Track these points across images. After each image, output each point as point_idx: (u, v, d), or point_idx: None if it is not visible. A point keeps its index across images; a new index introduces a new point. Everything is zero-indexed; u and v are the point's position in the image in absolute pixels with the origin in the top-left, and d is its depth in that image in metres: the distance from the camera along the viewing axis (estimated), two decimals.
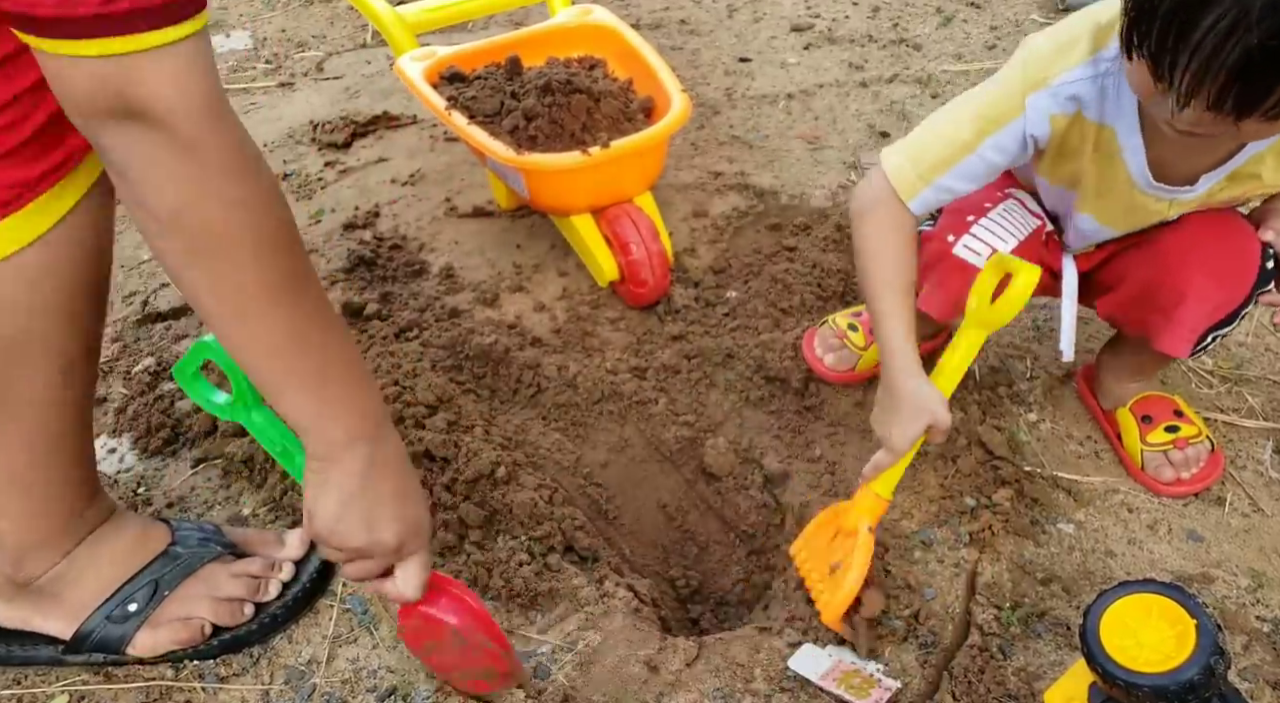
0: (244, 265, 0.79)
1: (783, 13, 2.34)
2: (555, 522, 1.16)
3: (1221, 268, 1.08)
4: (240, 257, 0.78)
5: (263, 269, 0.79)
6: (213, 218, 0.76)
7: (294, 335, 0.82)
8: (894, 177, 1.08)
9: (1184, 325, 1.09)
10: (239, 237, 0.78)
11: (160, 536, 1.08)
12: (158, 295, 1.59)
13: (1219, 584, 1.10)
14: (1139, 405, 1.25)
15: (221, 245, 0.78)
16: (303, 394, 0.84)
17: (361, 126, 1.99)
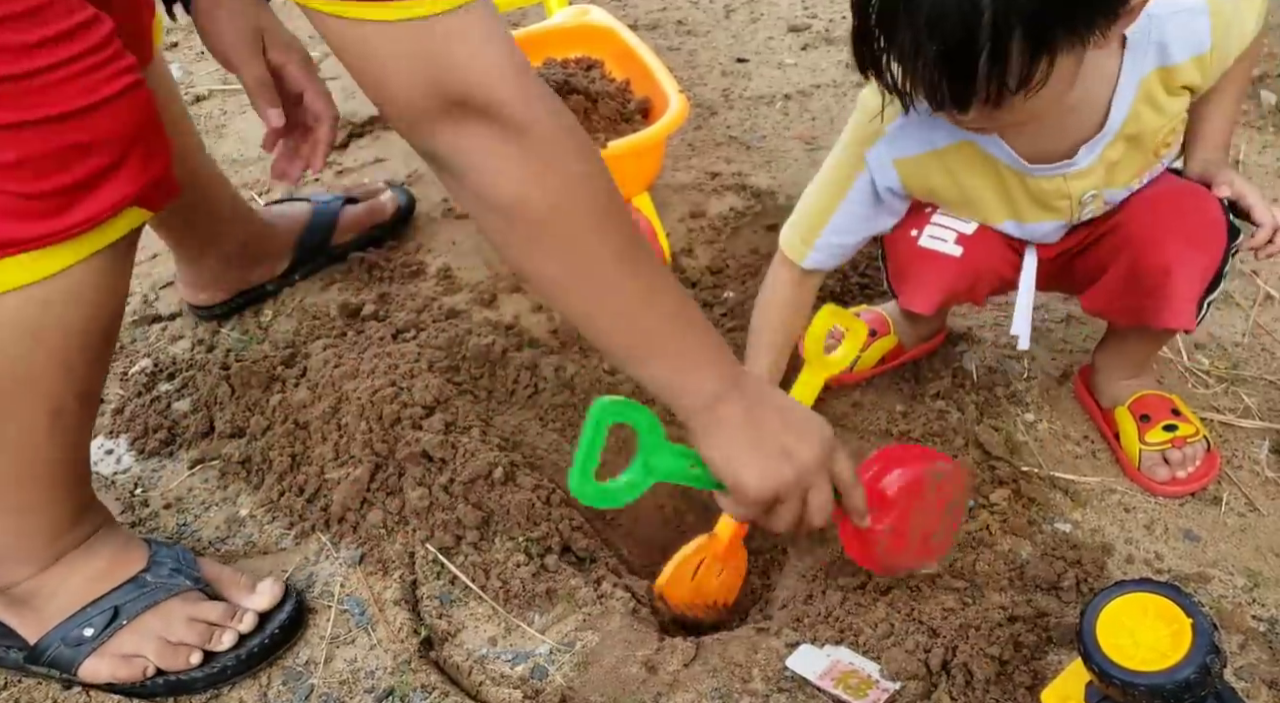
0: (592, 238, 0.79)
1: (780, 13, 2.34)
2: (553, 523, 1.16)
3: (1192, 232, 1.09)
4: (587, 230, 0.78)
5: (608, 237, 0.80)
6: (556, 197, 0.76)
7: (646, 298, 0.83)
8: (784, 243, 1.21)
9: (1179, 297, 1.09)
10: (583, 210, 0.78)
11: (135, 560, 1.06)
12: (156, 297, 1.59)
13: (1215, 584, 1.10)
14: (1137, 405, 1.25)
15: (568, 222, 0.77)
16: (666, 356, 0.84)
17: (359, 127, 1.99)
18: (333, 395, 1.28)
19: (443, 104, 0.72)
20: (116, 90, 0.80)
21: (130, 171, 0.83)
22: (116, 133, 0.81)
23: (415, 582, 1.14)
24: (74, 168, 0.79)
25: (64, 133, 0.78)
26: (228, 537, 1.21)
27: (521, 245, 0.79)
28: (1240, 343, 1.41)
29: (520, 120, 0.73)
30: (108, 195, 0.82)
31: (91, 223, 0.82)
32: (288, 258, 1.56)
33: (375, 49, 0.72)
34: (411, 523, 1.17)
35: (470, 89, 0.72)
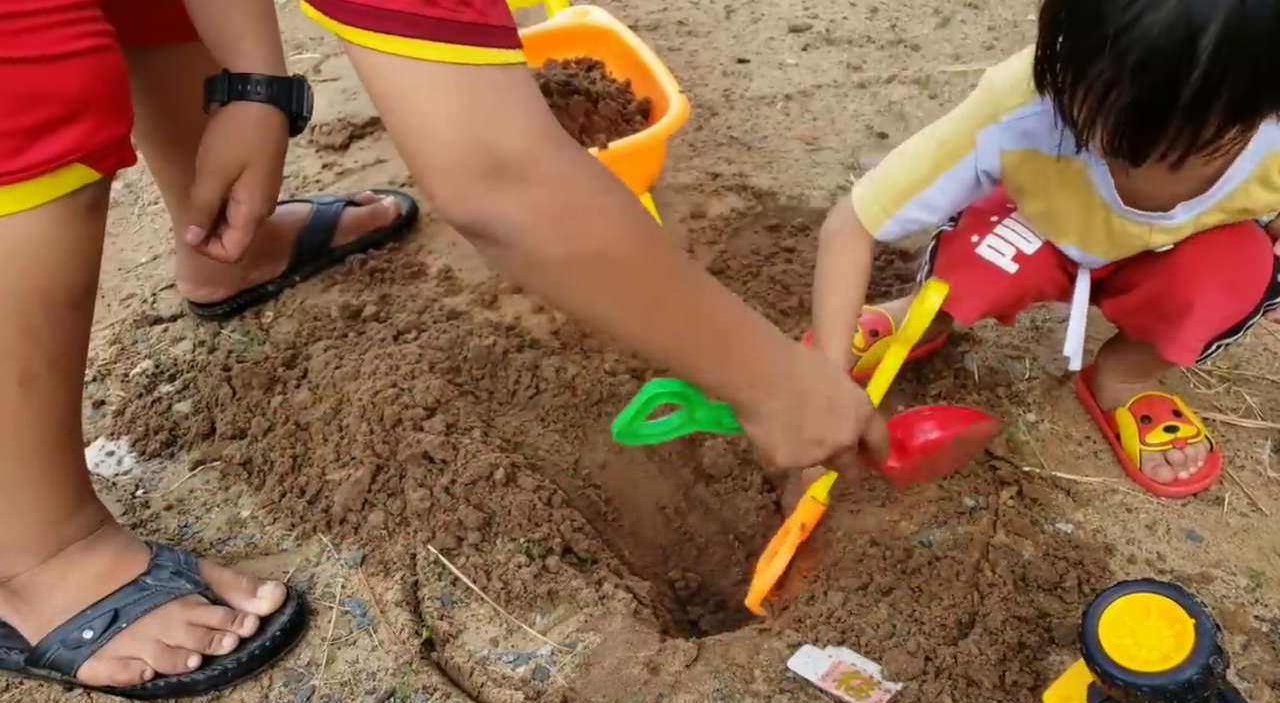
0: (646, 270, 0.81)
1: (781, 13, 2.34)
2: (554, 524, 1.16)
3: (1232, 278, 1.08)
4: (639, 266, 0.80)
5: (660, 265, 0.82)
6: (605, 241, 0.77)
7: (701, 314, 0.86)
8: (860, 209, 1.14)
9: (1190, 335, 1.09)
10: (634, 248, 0.79)
11: (136, 562, 1.06)
12: (156, 298, 1.59)
13: (1217, 584, 1.10)
14: (1138, 405, 1.25)
15: (619, 260, 0.78)
16: (721, 364, 0.88)
17: (359, 129, 1.99)
18: (334, 397, 1.28)
19: (486, 164, 0.70)
20: (84, 48, 0.84)
21: (84, 128, 0.86)
22: (75, 88, 0.84)
23: (417, 583, 1.14)
24: (28, 113, 0.82)
25: (25, 77, 0.81)
26: (229, 538, 1.21)
27: (582, 296, 0.80)
28: (1242, 343, 1.40)
29: (557, 174, 0.74)
30: (55, 145, 0.84)
31: (34, 170, 0.84)
32: (287, 257, 1.56)
33: (419, 93, 0.70)
34: (413, 524, 1.17)
35: (511, 145, 0.71)
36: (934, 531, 1.16)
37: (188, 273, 1.50)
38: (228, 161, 1.12)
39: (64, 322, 0.94)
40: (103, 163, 0.91)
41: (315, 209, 1.60)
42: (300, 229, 1.57)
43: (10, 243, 0.86)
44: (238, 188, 1.13)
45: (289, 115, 1.16)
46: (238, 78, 1.12)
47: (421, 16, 0.67)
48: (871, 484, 1.21)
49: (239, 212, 1.14)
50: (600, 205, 0.76)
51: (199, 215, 1.13)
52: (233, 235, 1.15)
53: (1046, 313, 1.48)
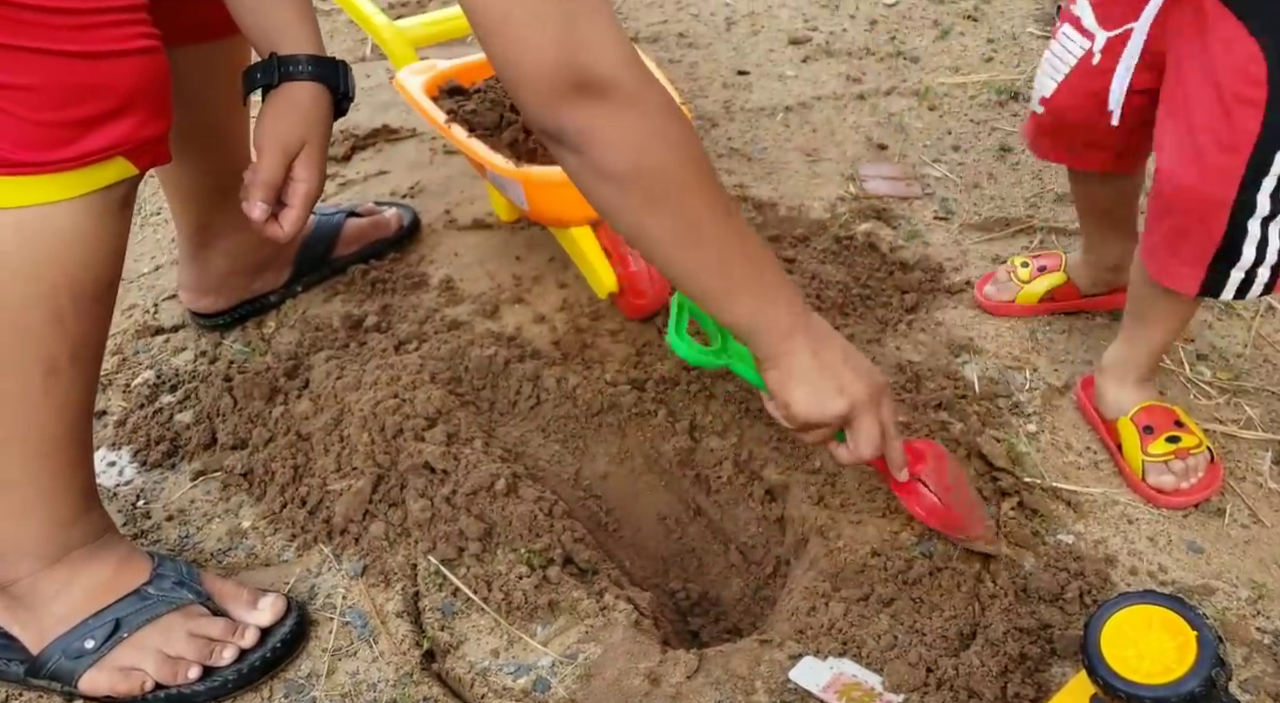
0: (695, 194, 0.88)
1: (780, 26, 2.35)
2: (555, 534, 1.16)
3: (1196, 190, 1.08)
4: (692, 188, 0.88)
5: (707, 195, 0.89)
6: (666, 162, 0.85)
7: (738, 243, 0.92)
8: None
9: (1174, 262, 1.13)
10: (689, 170, 0.87)
11: (138, 571, 1.06)
12: (158, 309, 1.59)
13: (1219, 595, 1.10)
14: (1140, 416, 1.25)
15: (678, 183, 0.86)
16: (752, 294, 0.94)
17: (361, 140, 1.99)
18: (335, 407, 1.28)
19: (574, 80, 0.79)
20: (135, 48, 0.89)
21: (129, 123, 0.90)
22: (125, 84, 0.89)
23: (417, 594, 1.14)
24: (80, 105, 0.86)
25: (84, 70, 0.85)
26: (230, 549, 1.21)
27: (636, 210, 0.87)
28: (1242, 354, 1.41)
29: (636, 96, 0.82)
30: (102, 138, 0.89)
31: (81, 160, 0.88)
32: (289, 268, 1.57)
33: (515, 16, 0.78)
34: (413, 535, 1.17)
35: (600, 68, 0.79)
36: (935, 541, 1.16)
37: (189, 283, 1.51)
38: (289, 138, 1.12)
39: (88, 313, 0.96)
40: (141, 159, 0.94)
41: (317, 220, 1.60)
42: (302, 240, 1.57)
43: (49, 229, 0.89)
44: (297, 166, 1.13)
45: (335, 95, 1.17)
46: (286, 59, 1.13)
47: None
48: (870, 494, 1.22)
49: (298, 190, 1.13)
50: (666, 130, 0.84)
51: (265, 191, 1.12)
52: (291, 214, 1.14)
53: (1048, 324, 1.48)
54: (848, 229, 1.68)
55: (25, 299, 0.91)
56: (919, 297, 1.54)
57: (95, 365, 1.01)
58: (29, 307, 0.91)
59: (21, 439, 0.96)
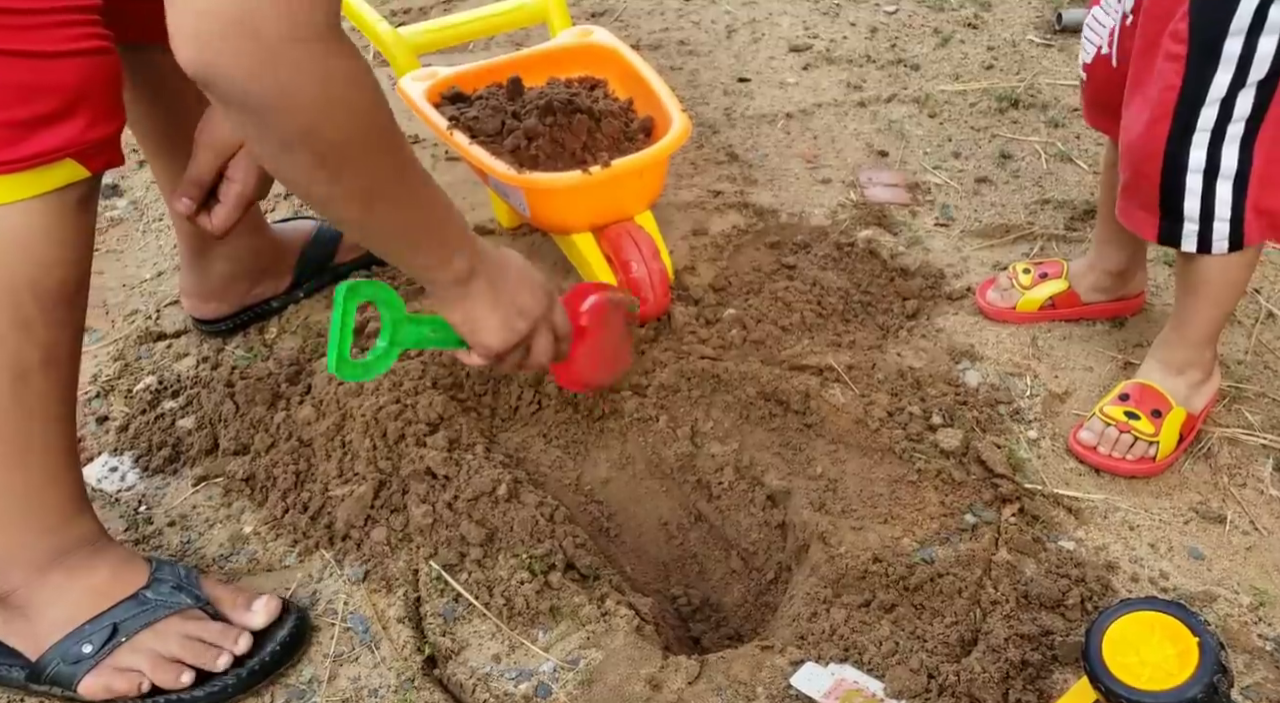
0: (366, 157, 0.85)
1: (781, 33, 2.36)
2: (556, 540, 1.16)
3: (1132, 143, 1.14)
4: (371, 155, 0.85)
5: (385, 160, 0.87)
6: (339, 123, 0.81)
7: (414, 207, 0.93)
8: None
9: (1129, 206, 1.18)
10: (365, 134, 0.84)
11: (136, 576, 1.06)
12: (160, 315, 1.60)
13: (1221, 602, 1.10)
14: (1134, 386, 1.28)
15: (347, 146, 0.83)
16: (425, 250, 0.96)
17: None
18: (337, 413, 1.28)
19: (234, 19, 0.72)
20: (84, 48, 0.88)
21: (77, 125, 0.90)
22: (72, 83, 0.88)
23: (419, 599, 1.14)
24: (26, 105, 0.86)
25: (27, 70, 0.85)
26: (231, 554, 1.21)
27: (304, 169, 0.82)
28: (1243, 361, 1.41)
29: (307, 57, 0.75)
30: (49, 139, 0.88)
31: (29, 161, 0.88)
32: (291, 274, 1.57)
33: None
34: (415, 540, 1.17)
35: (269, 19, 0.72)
36: (936, 547, 1.16)
37: (191, 289, 1.51)
38: (223, 139, 1.13)
39: (56, 318, 0.95)
40: (93, 161, 0.94)
41: (319, 226, 1.61)
42: (304, 245, 1.57)
43: (3, 234, 0.89)
44: (231, 165, 1.14)
45: None
46: None
47: None
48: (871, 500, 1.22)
49: (230, 189, 1.15)
50: (340, 94, 0.78)
51: (189, 188, 1.15)
52: (220, 212, 1.16)
53: (1048, 330, 1.48)
54: (849, 236, 1.69)
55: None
56: (920, 303, 1.55)
57: (70, 370, 1.01)
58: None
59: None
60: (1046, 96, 2.07)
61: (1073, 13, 2.29)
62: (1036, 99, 2.06)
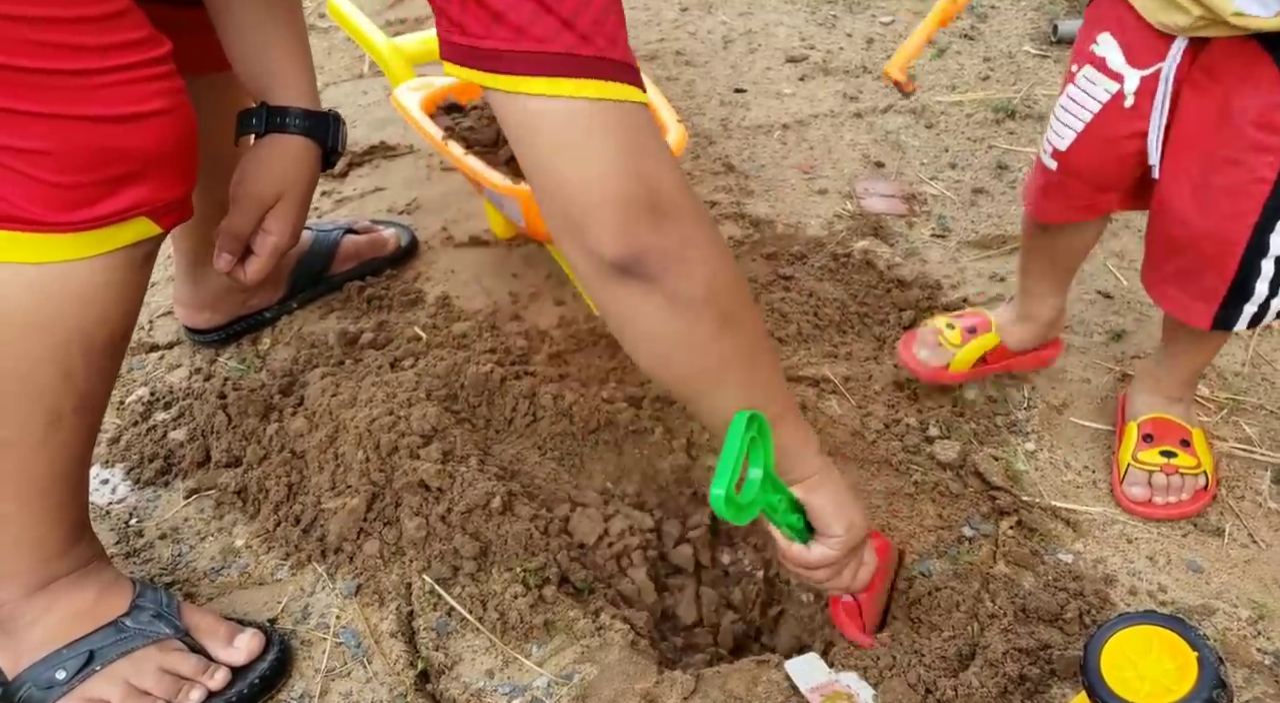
0: (754, 310, 0.85)
1: (777, 44, 2.36)
2: (550, 553, 1.15)
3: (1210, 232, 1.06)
4: (748, 303, 0.84)
5: (753, 303, 0.86)
6: (733, 278, 0.81)
7: (776, 367, 0.89)
8: None
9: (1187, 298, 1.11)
10: (743, 285, 0.83)
11: (118, 602, 1.05)
12: (153, 325, 1.59)
13: (1220, 616, 1.10)
14: (1147, 423, 1.25)
15: (740, 299, 0.83)
16: (791, 417, 0.90)
17: (358, 157, 1.99)
18: (330, 424, 1.27)
19: (648, 198, 0.73)
20: (161, 107, 0.86)
21: (152, 184, 0.88)
22: (150, 146, 0.86)
23: (412, 613, 1.13)
24: (101, 168, 0.84)
25: (102, 134, 0.83)
26: (223, 567, 1.20)
27: (711, 335, 0.81)
28: (1240, 373, 1.41)
29: (700, 216, 0.77)
30: (122, 200, 0.86)
31: (102, 221, 0.86)
32: (285, 284, 1.56)
33: (580, 131, 0.72)
34: (408, 553, 1.16)
35: (668, 187, 0.74)
36: (934, 561, 1.15)
37: (185, 299, 1.50)
38: (264, 192, 1.12)
39: (99, 366, 0.94)
40: (165, 218, 0.92)
41: (315, 237, 1.60)
42: (299, 256, 1.57)
43: (65, 287, 0.87)
44: (269, 218, 1.13)
45: (323, 149, 1.17)
46: (276, 111, 1.13)
47: (578, 56, 0.70)
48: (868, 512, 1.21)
49: (267, 242, 1.14)
50: (723, 245, 0.81)
51: (232, 243, 1.13)
52: (256, 264, 1.15)
53: None
54: (845, 246, 1.68)
55: (37, 355, 0.89)
56: (916, 314, 1.54)
57: (99, 413, 1.00)
58: (40, 363, 0.89)
59: (14, 480, 0.94)
60: (1043, 107, 2.07)
61: (1068, 24, 2.29)
62: (1033, 110, 2.07)
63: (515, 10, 0.69)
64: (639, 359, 0.86)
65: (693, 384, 0.86)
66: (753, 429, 0.84)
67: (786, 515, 0.93)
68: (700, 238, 0.78)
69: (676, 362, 0.84)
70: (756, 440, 0.86)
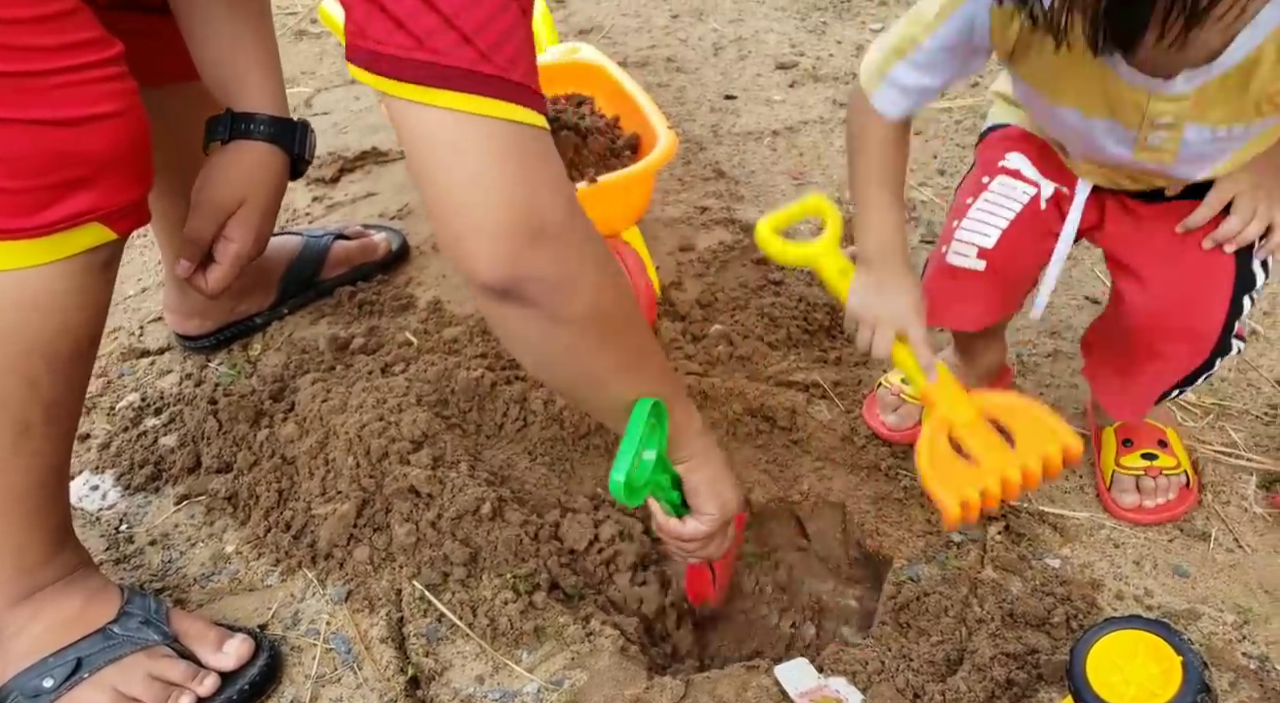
0: (637, 322, 0.88)
1: (768, 51, 2.37)
2: (541, 559, 1.15)
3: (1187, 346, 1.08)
4: (631, 314, 0.87)
5: (640, 317, 0.89)
6: (616, 295, 0.84)
7: (662, 359, 0.94)
8: (863, 79, 1.07)
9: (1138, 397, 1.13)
10: (626, 301, 0.86)
11: (105, 609, 1.04)
12: (144, 331, 1.59)
13: (1205, 620, 1.10)
14: (1124, 428, 1.25)
15: (623, 313, 0.85)
16: (678, 404, 0.95)
17: (350, 162, 2.00)
18: (320, 430, 1.28)
19: (532, 224, 0.73)
20: (112, 110, 0.84)
21: (104, 189, 0.86)
22: (101, 149, 0.84)
23: (402, 619, 1.13)
24: (52, 173, 0.82)
25: (54, 137, 0.81)
26: (213, 574, 1.20)
27: (591, 350, 0.84)
28: (1226, 378, 1.41)
29: (584, 241, 0.79)
30: (74, 204, 0.85)
31: (55, 226, 0.84)
32: (276, 290, 1.56)
33: (472, 149, 0.71)
34: (398, 559, 1.16)
35: (555, 213, 0.75)
36: (922, 566, 1.16)
37: (175, 305, 1.50)
38: (224, 198, 1.11)
39: (65, 374, 0.93)
40: (119, 223, 0.91)
41: (305, 242, 1.60)
42: (289, 262, 1.57)
43: (22, 295, 0.86)
44: (231, 225, 1.12)
45: (290, 157, 1.16)
46: (241, 117, 1.13)
47: (477, 73, 0.70)
48: (857, 517, 1.21)
49: (228, 249, 1.13)
50: (608, 264, 0.83)
51: (190, 249, 1.13)
52: (216, 272, 1.14)
53: (1033, 348, 1.49)
54: None
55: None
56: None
57: (72, 420, 0.99)
58: (2, 373, 0.88)
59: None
60: None
61: None
62: None
63: (416, 20, 0.69)
64: (523, 364, 0.90)
65: (577, 389, 0.90)
66: (653, 416, 0.91)
67: (669, 492, 1.00)
68: (585, 261, 0.79)
69: (559, 371, 0.87)
70: (654, 424, 0.92)
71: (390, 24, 0.70)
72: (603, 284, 0.81)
